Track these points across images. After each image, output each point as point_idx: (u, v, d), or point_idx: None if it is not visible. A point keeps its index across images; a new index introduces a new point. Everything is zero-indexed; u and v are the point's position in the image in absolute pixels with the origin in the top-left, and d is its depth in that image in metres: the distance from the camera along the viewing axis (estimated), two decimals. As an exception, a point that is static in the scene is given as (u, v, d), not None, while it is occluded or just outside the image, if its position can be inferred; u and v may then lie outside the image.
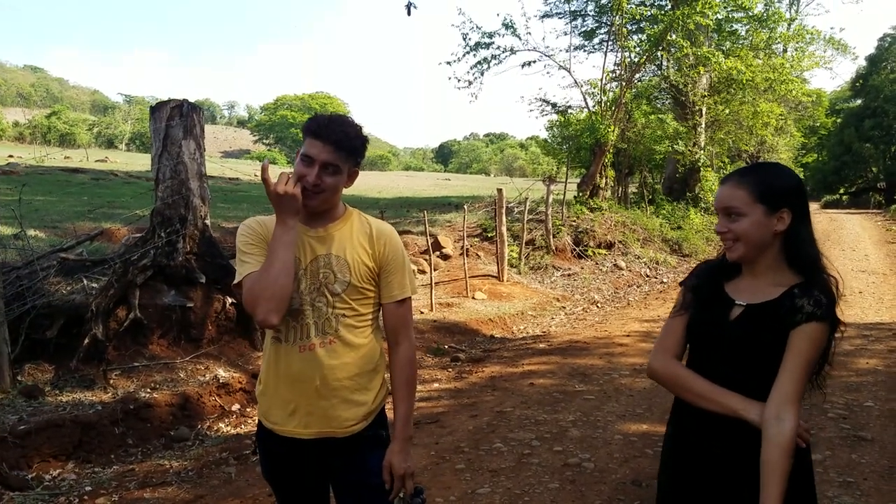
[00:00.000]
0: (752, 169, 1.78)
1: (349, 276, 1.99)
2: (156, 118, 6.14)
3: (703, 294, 1.82)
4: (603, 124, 16.43)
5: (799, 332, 1.61)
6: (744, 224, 1.69)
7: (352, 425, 2.01)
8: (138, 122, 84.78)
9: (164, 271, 6.02)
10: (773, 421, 1.59)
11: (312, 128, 1.96)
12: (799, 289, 1.66)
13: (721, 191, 1.76)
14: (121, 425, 4.89)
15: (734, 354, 1.69)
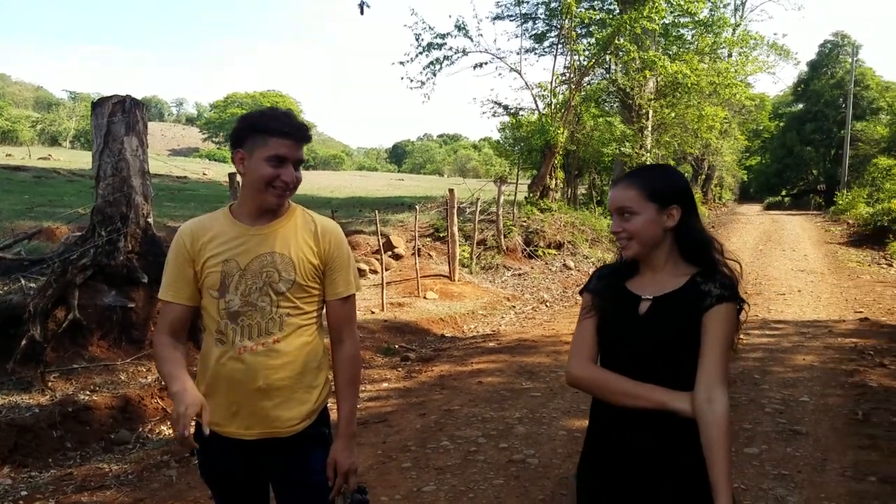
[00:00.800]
0: (641, 170, 1.86)
1: (294, 275, 1.97)
2: (97, 114, 6.01)
3: (609, 294, 1.85)
4: (553, 126, 16.66)
5: (712, 315, 1.67)
6: (637, 222, 1.76)
7: (294, 424, 1.99)
8: (83, 119, 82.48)
9: (104, 271, 5.89)
10: (706, 404, 1.62)
11: (283, 128, 1.93)
12: (700, 276, 1.74)
13: (614, 192, 1.82)
14: (59, 428, 4.78)
15: (649, 349, 1.72)
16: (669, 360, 1.70)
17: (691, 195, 1.81)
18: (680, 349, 1.69)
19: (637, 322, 1.76)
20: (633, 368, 1.73)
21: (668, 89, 21.07)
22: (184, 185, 29.93)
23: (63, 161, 40.34)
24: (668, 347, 1.70)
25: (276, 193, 1.95)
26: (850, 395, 5.69)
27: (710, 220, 26.82)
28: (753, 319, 9.21)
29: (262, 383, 1.95)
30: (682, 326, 1.70)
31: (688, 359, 1.68)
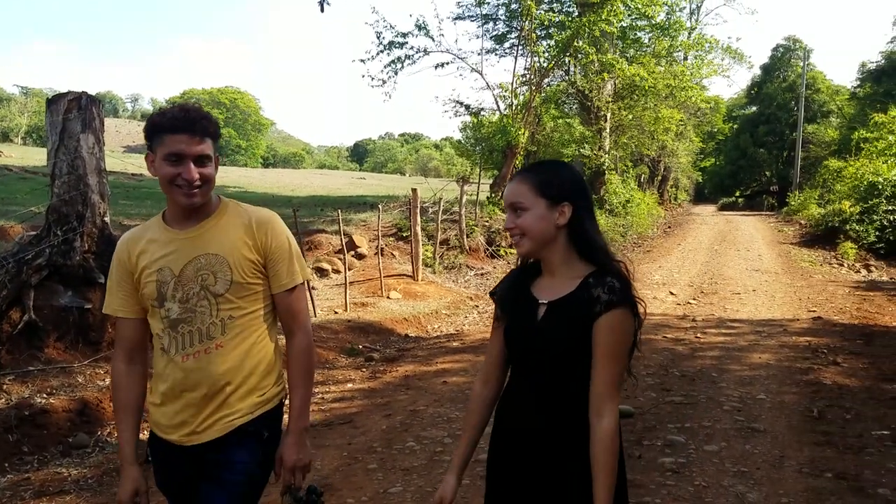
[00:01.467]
0: (535, 166, 1.84)
1: (231, 275, 1.92)
2: (52, 111, 5.85)
3: (511, 297, 1.84)
4: (514, 127, 16.80)
5: (601, 324, 1.65)
6: (527, 218, 1.73)
7: (238, 423, 1.95)
8: (35, 114, 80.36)
9: (60, 271, 5.74)
10: (595, 419, 1.63)
11: (170, 123, 1.87)
12: (593, 277, 1.70)
13: (508, 187, 1.80)
14: (15, 432, 4.64)
15: (547, 355, 1.72)
16: (568, 366, 1.69)
17: (585, 192, 1.78)
18: (576, 356, 1.68)
19: (534, 327, 1.74)
20: (536, 375, 1.74)
21: (625, 92, 21.43)
22: (139, 182, 29.26)
23: (15, 157, 39.11)
24: (564, 355, 1.69)
25: (181, 192, 1.88)
26: (805, 393, 5.86)
27: (667, 221, 27.33)
28: (710, 318, 9.43)
29: (206, 389, 1.92)
30: (575, 333, 1.67)
31: (582, 361, 1.67)
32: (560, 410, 1.70)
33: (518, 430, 1.76)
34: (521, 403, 1.77)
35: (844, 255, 16.14)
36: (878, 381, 6.24)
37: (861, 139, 23.97)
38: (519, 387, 1.80)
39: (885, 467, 4.16)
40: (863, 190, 18.27)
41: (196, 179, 1.87)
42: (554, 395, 1.71)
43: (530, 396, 1.74)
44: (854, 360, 7.01)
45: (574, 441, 1.68)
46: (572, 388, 1.69)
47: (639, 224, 21.93)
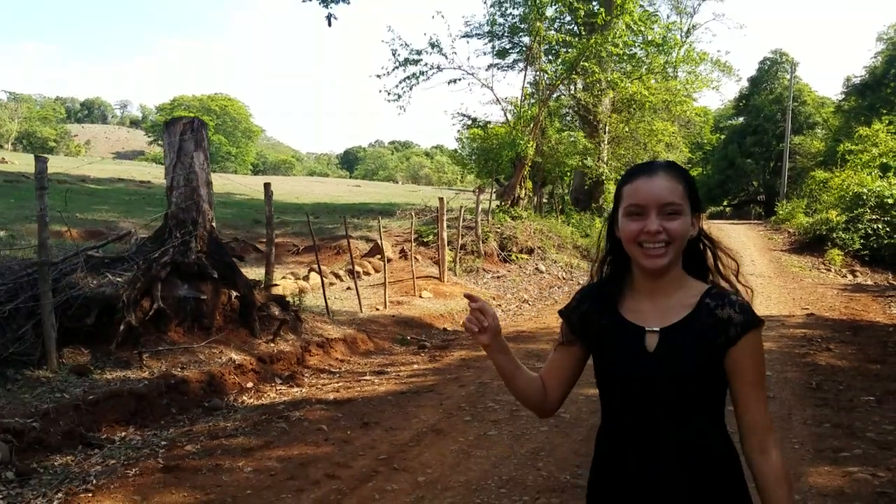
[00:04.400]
0: (674, 164, 1.55)
1: None
2: (170, 132, 6.89)
3: (601, 322, 1.59)
4: (523, 139, 17.95)
5: (741, 350, 1.47)
6: (682, 224, 1.48)
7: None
8: (26, 121, 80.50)
9: (179, 268, 6.76)
10: (759, 455, 1.49)
11: None
12: (711, 297, 1.51)
13: (654, 182, 1.48)
14: (165, 397, 5.67)
15: (665, 388, 1.49)
16: (690, 397, 1.50)
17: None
18: (701, 385, 1.49)
19: (647, 359, 1.51)
20: (647, 408, 1.52)
21: (622, 105, 22.67)
22: (149, 189, 30.12)
23: (19, 164, 39.74)
24: (688, 385, 1.49)
25: None
26: (804, 371, 6.99)
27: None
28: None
29: None
30: (703, 361, 1.47)
31: (711, 394, 1.51)
32: (691, 452, 1.49)
33: (647, 482, 1.51)
34: (642, 451, 1.52)
35: (832, 261, 17.35)
36: (864, 362, 7.37)
37: (846, 151, 25.34)
38: (634, 434, 1.54)
39: (871, 420, 5.29)
40: (848, 200, 19.52)
41: None
42: (681, 434, 1.49)
43: (651, 441, 1.51)
44: (844, 347, 8.16)
45: (718, 482, 1.50)
46: (700, 425, 1.51)
47: (636, 231, 23.08)
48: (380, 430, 5.02)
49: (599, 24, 17.54)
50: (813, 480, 4.08)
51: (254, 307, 7.31)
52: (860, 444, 4.72)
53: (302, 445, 4.70)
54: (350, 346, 8.23)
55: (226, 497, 3.78)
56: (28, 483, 4.14)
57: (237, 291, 7.18)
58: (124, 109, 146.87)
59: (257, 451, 4.59)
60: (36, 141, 78.18)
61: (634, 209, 1.48)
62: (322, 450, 4.61)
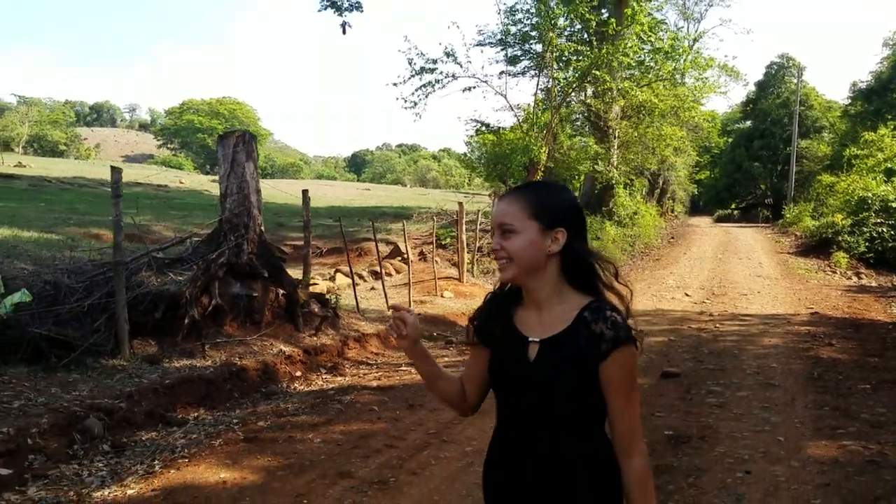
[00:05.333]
0: (528, 186, 1.68)
1: None
2: (224, 144, 7.53)
3: (493, 330, 1.71)
4: (536, 145, 18.56)
5: (610, 365, 1.54)
6: (517, 242, 1.58)
7: None
8: (36, 124, 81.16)
9: (233, 268, 7.39)
10: (624, 460, 1.57)
11: None
12: (589, 311, 1.57)
13: (497, 206, 1.66)
14: (228, 383, 6.29)
15: (540, 398, 1.58)
16: (567, 407, 1.58)
17: (581, 218, 1.65)
18: (576, 396, 1.57)
19: (526, 367, 1.60)
20: (526, 415, 1.62)
21: (632, 111, 23.24)
22: (167, 193, 30.81)
23: (37, 168, 40.59)
24: (564, 396, 1.57)
25: None
26: (807, 363, 7.56)
27: (669, 232, 29.11)
28: (724, 313, 11.15)
29: None
30: (576, 373, 1.55)
31: (587, 404, 1.58)
32: (566, 461, 1.57)
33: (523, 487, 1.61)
34: (521, 456, 1.62)
35: (837, 263, 17.86)
36: (863, 356, 7.94)
37: (852, 156, 25.83)
38: (515, 438, 1.65)
39: (866, 404, 5.87)
40: (853, 204, 20.02)
41: None
42: (556, 443, 1.58)
43: (530, 447, 1.60)
44: (845, 342, 8.72)
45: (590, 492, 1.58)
46: (575, 434, 1.58)
47: (645, 234, 23.65)
48: (424, 411, 5.62)
49: (610, 33, 18.14)
50: (811, 452, 4.67)
51: (297, 304, 7.93)
52: (855, 424, 5.29)
53: (359, 422, 5.31)
54: (383, 341, 8.84)
55: (304, 461, 4.39)
56: (123, 454, 4.75)
57: (283, 289, 7.81)
58: (133, 113, 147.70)
59: (321, 426, 5.20)
60: (46, 144, 78.21)
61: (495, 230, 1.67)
62: (377, 426, 5.23)
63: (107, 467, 4.50)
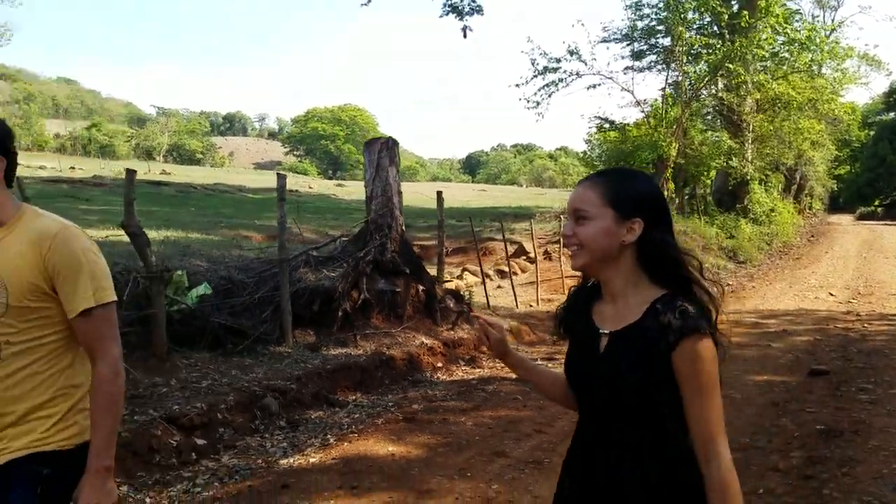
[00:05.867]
0: (607, 172, 1.64)
1: (7, 297, 1.74)
2: (370, 151, 8.11)
3: (571, 322, 1.69)
4: (664, 141, 18.24)
5: (679, 356, 1.45)
6: (590, 229, 1.53)
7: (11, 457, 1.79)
8: (175, 134, 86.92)
9: (378, 265, 7.93)
10: (703, 465, 1.46)
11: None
12: (661, 303, 1.51)
13: (574, 191, 1.60)
14: (379, 370, 6.79)
15: (611, 395, 1.53)
16: (641, 402, 1.51)
17: (662, 207, 1.59)
18: (649, 391, 1.49)
19: (598, 361, 1.56)
20: (606, 410, 1.57)
21: (767, 104, 22.27)
22: (299, 197, 32.55)
23: (180, 175, 44.08)
24: (635, 390, 1.50)
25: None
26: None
27: (808, 230, 27.61)
28: (872, 313, 10.61)
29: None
30: (645, 367, 1.48)
31: (665, 399, 1.49)
32: (638, 458, 1.51)
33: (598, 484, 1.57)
34: (597, 452, 1.58)
35: None
36: None
37: None
38: (588, 433, 1.63)
39: None
40: None
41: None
42: (628, 439, 1.53)
43: (604, 443, 1.57)
44: None
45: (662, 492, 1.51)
46: (647, 431, 1.52)
47: (783, 232, 22.62)
48: (567, 402, 5.86)
49: (743, 25, 17.55)
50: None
51: (435, 299, 8.37)
52: None
53: (505, 409, 5.64)
54: (516, 336, 9.13)
55: (461, 440, 4.76)
56: (297, 429, 5.31)
57: (423, 286, 8.28)
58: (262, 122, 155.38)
59: (470, 411, 5.57)
60: (185, 153, 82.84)
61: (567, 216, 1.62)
62: (524, 413, 5.53)
63: (286, 440, 5.06)
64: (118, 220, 6.47)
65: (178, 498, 4.06)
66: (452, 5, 16.63)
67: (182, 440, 4.78)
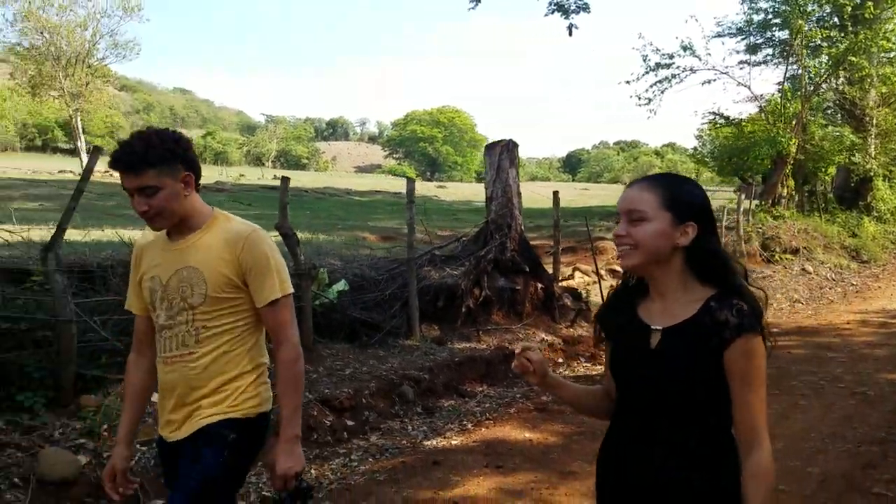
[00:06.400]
0: (663, 177, 1.70)
1: (206, 289, 2.03)
2: (490, 153, 8.43)
3: (616, 321, 1.73)
4: (784, 137, 17.61)
5: (733, 353, 1.52)
6: (646, 230, 1.58)
7: (203, 423, 2.08)
8: (282, 140, 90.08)
9: (498, 263, 8.23)
10: (744, 455, 1.53)
11: (113, 162, 1.98)
12: (715, 300, 1.56)
13: (627, 192, 1.65)
14: (503, 364, 7.08)
15: (664, 387, 1.59)
16: (689, 397, 1.57)
17: (711, 213, 1.65)
18: (699, 386, 1.56)
19: (648, 356, 1.61)
20: (652, 407, 1.62)
21: (892, 98, 21.00)
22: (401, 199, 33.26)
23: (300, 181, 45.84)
24: (686, 385, 1.56)
25: (148, 222, 2.06)
26: None
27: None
28: None
29: (181, 391, 2.08)
30: (699, 362, 1.54)
31: (711, 395, 1.56)
32: (685, 453, 1.56)
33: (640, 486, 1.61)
34: (641, 449, 1.61)
35: None
36: None
37: None
38: (629, 431, 1.66)
39: None
40: None
41: (144, 211, 2.00)
42: (676, 434, 1.58)
43: (650, 439, 1.60)
44: None
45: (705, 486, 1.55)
46: (695, 426, 1.57)
47: (912, 232, 21.25)
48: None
49: (867, 17, 16.69)
50: None
51: (554, 297, 8.58)
52: None
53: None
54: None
55: (594, 430, 4.93)
56: (433, 415, 5.68)
57: (542, 284, 8.51)
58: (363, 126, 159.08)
59: (599, 404, 5.75)
60: (291, 159, 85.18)
61: (617, 217, 1.67)
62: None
63: (425, 424, 5.44)
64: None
65: (338, 471, 4.50)
66: (558, 4, 16.65)
67: (335, 420, 5.24)
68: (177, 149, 2.00)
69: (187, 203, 2.04)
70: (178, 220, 2.04)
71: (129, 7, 33.56)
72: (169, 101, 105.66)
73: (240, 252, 2.03)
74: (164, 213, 2.00)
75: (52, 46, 32.56)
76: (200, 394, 2.06)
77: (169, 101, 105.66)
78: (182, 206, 2.02)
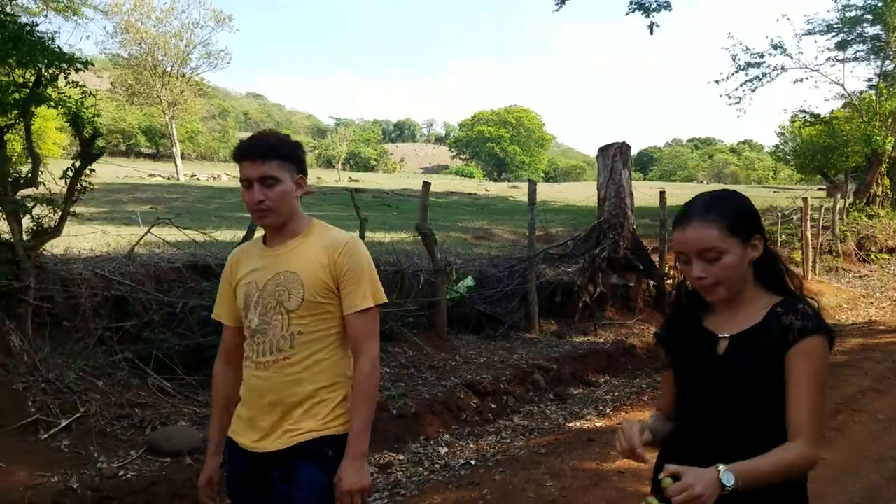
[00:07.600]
0: (711, 203, 1.63)
1: (303, 293, 2.02)
2: (604, 155, 8.81)
3: (681, 337, 1.74)
4: (879, 135, 17.27)
5: (795, 353, 1.54)
6: (725, 263, 1.58)
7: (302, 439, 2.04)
8: (352, 142, 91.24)
9: (611, 261, 8.62)
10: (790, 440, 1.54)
11: (238, 153, 2.02)
12: (782, 306, 1.60)
13: (689, 233, 1.60)
14: (622, 357, 7.47)
15: (731, 392, 1.61)
16: (755, 402, 1.59)
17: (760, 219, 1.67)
18: (765, 390, 1.58)
19: (715, 363, 1.63)
20: (717, 414, 1.63)
21: None
22: (478, 200, 33.71)
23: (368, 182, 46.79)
24: (752, 390, 1.59)
25: (256, 216, 2.05)
26: None
27: None
28: None
29: (273, 398, 2.04)
30: (766, 366, 1.57)
31: (777, 399, 1.57)
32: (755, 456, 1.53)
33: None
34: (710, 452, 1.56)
35: None
36: None
37: None
38: (702, 439, 1.66)
39: None
40: None
41: (259, 200, 2.00)
42: (745, 439, 1.58)
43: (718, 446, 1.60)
44: None
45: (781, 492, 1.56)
46: (764, 430, 1.58)
47: None
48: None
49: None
50: None
51: (665, 294, 8.90)
52: None
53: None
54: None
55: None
56: (566, 402, 6.11)
57: (654, 281, 8.84)
58: (430, 128, 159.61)
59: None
60: (360, 160, 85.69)
61: (682, 257, 1.64)
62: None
63: (561, 409, 5.88)
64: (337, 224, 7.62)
65: (495, 445, 4.99)
66: (639, 2, 16.73)
67: (479, 403, 5.76)
68: (296, 150, 2.07)
69: (295, 205, 2.07)
70: (283, 222, 2.06)
71: (221, 18, 35.13)
72: (243, 105, 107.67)
73: (337, 257, 2.04)
74: (275, 208, 2.01)
75: (150, 57, 34.46)
76: (293, 401, 2.04)
77: (243, 105, 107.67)
78: (290, 206, 2.05)
